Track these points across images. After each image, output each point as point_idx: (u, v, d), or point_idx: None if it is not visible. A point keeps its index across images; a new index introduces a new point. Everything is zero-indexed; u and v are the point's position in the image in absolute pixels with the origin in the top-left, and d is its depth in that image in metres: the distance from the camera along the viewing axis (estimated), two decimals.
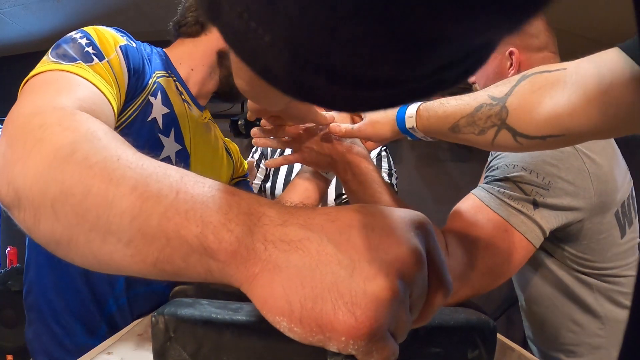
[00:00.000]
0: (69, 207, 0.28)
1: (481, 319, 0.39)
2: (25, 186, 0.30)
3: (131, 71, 0.63)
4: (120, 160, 0.29)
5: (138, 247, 0.26)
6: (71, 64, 0.52)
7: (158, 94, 0.71)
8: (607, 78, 0.42)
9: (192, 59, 0.78)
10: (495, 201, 0.67)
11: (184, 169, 0.30)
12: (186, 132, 0.77)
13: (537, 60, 0.85)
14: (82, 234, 0.28)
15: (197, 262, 0.26)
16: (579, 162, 0.70)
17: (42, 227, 0.30)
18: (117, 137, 0.34)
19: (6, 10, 2.13)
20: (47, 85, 0.48)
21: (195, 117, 0.81)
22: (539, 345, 0.89)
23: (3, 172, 0.33)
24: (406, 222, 0.25)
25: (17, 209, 0.32)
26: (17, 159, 0.32)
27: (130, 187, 0.27)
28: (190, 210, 0.26)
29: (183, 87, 0.78)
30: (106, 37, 0.60)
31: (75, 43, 0.56)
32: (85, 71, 0.52)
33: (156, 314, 0.36)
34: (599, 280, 0.77)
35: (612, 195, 0.73)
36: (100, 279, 0.69)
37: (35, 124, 0.35)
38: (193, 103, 0.80)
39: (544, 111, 0.47)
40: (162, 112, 0.71)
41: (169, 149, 0.73)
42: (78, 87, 0.49)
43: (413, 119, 0.60)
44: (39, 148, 0.32)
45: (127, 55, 0.62)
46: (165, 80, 0.73)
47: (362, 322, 0.22)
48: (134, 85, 0.64)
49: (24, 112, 0.38)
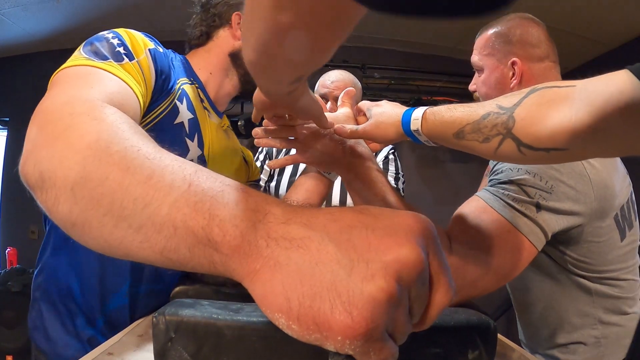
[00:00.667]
0: (86, 191, 0.29)
1: (481, 320, 0.39)
2: (50, 169, 0.32)
3: (158, 73, 0.65)
4: (140, 152, 0.31)
5: (147, 234, 0.27)
6: (102, 62, 0.54)
7: (184, 99, 0.73)
8: (614, 98, 0.42)
9: (208, 63, 0.81)
10: (499, 203, 0.67)
11: None
12: (206, 139, 0.79)
13: (539, 70, 0.86)
14: (96, 218, 0.29)
15: (201, 253, 0.26)
16: (580, 168, 0.70)
17: (60, 208, 0.31)
18: (141, 130, 0.36)
19: (6, 11, 2.14)
20: (78, 79, 0.50)
21: (215, 124, 0.83)
22: (533, 347, 0.89)
23: (31, 154, 0.35)
24: (408, 224, 0.25)
25: (40, 190, 0.33)
26: (45, 143, 0.34)
27: (146, 176, 0.28)
28: (199, 203, 0.27)
29: (204, 94, 0.81)
30: (137, 39, 0.62)
31: (108, 42, 0.58)
32: (116, 69, 0.55)
33: (157, 315, 0.36)
34: (599, 284, 0.77)
35: (610, 201, 0.73)
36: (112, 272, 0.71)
37: (66, 112, 0.37)
38: (212, 110, 0.83)
39: (550, 124, 0.47)
40: (187, 117, 0.73)
41: (193, 152, 0.75)
42: (109, 82, 0.52)
43: (419, 121, 0.60)
44: (66, 135, 0.34)
45: (155, 58, 0.64)
46: (189, 87, 0.76)
47: (358, 322, 0.22)
48: (161, 87, 0.66)
49: (56, 101, 0.40)
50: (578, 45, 2.19)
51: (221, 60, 0.81)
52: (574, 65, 2.37)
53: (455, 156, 2.77)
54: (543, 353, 0.85)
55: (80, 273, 0.70)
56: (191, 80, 0.77)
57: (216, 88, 0.83)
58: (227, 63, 0.82)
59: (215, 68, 0.81)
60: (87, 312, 0.70)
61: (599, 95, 0.44)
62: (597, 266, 0.76)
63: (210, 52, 0.82)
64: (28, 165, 0.34)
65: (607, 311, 0.78)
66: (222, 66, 0.82)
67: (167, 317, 0.36)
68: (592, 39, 2.15)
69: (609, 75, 0.45)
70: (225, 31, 0.81)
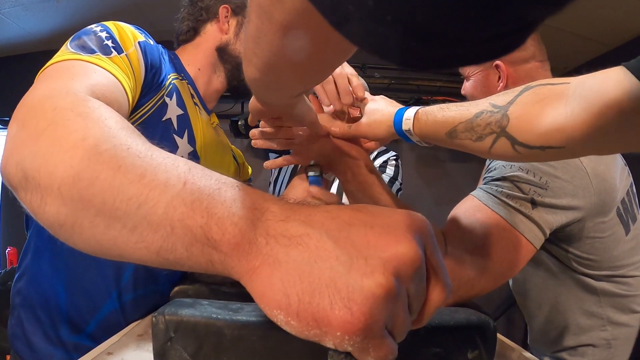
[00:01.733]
0: (75, 191, 0.28)
1: (481, 319, 0.39)
2: (33, 168, 0.31)
3: (148, 67, 0.63)
4: (130, 150, 0.30)
5: (143, 234, 0.27)
6: (90, 55, 0.52)
7: (173, 95, 0.72)
8: (610, 94, 0.41)
9: (197, 59, 0.80)
10: (493, 200, 0.67)
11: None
12: (198, 135, 0.78)
13: (524, 71, 0.86)
14: (87, 219, 0.28)
15: (199, 252, 0.26)
16: (576, 161, 0.70)
17: (47, 209, 0.30)
18: (129, 126, 0.34)
19: (6, 11, 2.14)
20: (62, 72, 0.48)
21: (205, 120, 0.82)
22: (542, 350, 0.88)
23: (13, 152, 0.33)
24: (405, 222, 0.26)
25: (24, 190, 0.32)
26: (28, 141, 0.33)
27: (138, 175, 0.28)
28: (196, 201, 0.26)
29: (194, 89, 0.80)
30: (125, 32, 0.61)
31: (95, 36, 0.57)
32: (103, 62, 0.53)
33: (157, 314, 0.36)
34: (604, 282, 0.76)
35: (611, 194, 0.73)
36: (102, 275, 0.68)
37: (48, 107, 0.35)
38: (202, 107, 0.82)
39: (545, 122, 0.47)
40: (176, 113, 0.72)
41: (183, 150, 0.74)
42: (93, 73, 0.50)
43: (410, 121, 0.60)
44: (50, 131, 0.32)
45: (145, 51, 0.63)
46: (179, 82, 0.75)
47: (358, 317, 0.22)
48: (151, 81, 0.65)
49: (36, 95, 0.38)
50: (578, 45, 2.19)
51: (209, 55, 0.80)
52: (573, 65, 2.37)
53: (455, 156, 2.77)
54: (552, 356, 0.85)
55: (65, 277, 0.67)
56: (181, 76, 0.76)
57: (205, 84, 0.82)
58: (214, 58, 0.81)
59: (204, 64, 0.81)
60: (73, 318, 0.67)
61: (594, 93, 0.43)
62: (603, 263, 0.75)
63: (198, 47, 0.81)
64: (10, 164, 0.33)
65: (616, 311, 0.77)
66: (209, 61, 0.81)
67: (167, 316, 0.36)
68: (592, 39, 2.15)
69: (604, 72, 0.44)
70: (212, 25, 0.80)
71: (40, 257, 0.69)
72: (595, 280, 0.77)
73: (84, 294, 0.68)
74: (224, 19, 0.80)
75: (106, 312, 0.69)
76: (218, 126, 0.93)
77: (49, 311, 0.67)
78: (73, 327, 0.67)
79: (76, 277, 0.67)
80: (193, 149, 0.76)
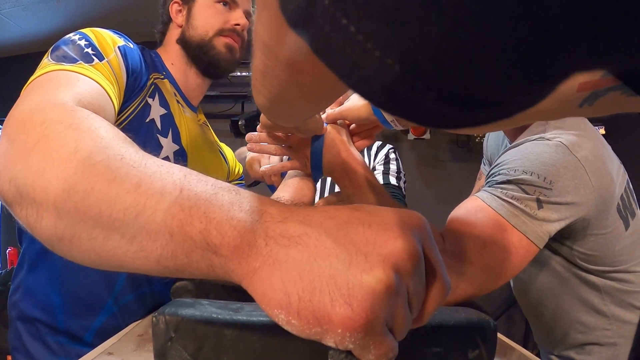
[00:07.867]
0: (71, 204, 0.28)
1: (481, 319, 0.39)
2: (27, 184, 0.30)
3: (129, 71, 0.64)
4: (123, 159, 0.29)
5: (142, 243, 0.27)
6: (72, 65, 0.52)
7: (155, 95, 0.73)
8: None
9: (168, 56, 0.83)
10: (497, 201, 0.67)
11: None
12: (183, 132, 0.79)
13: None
14: (84, 231, 0.28)
15: (200, 257, 0.26)
16: (575, 160, 0.70)
17: (44, 224, 0.30)
18: (120, 134, 0.34)
19: (6, 11, 2.14)
20: (46, 83, 0.48)
21: (189, 118, 0.83)
22: (548, 348, 0.89)
23: (5, 169, 0.33)
24: (402, 219, 0.26)
25: (18, 206, 0.31)
26: (19, 156, 0.32)
27: (134, 184, 0.27)
28: (194, 207, 0.26)
29: (175, 87, 0.81)
30: (104, 38, 0.61)
31: (75, 45, 0.56)
32: (87, 70, 0.53)
33: (157, 314, 0.36)
34: (608, 280, 0.77)
35: (610, 189, 0.73)
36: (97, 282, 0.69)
37: (37, 120, 0.34)
38: (186, 104, 0.84)
39: None
40: (159, 113, 0.73)
41: (167, 149, 0.75)
42: (77, 82, 0.50)
43: None
44: (40, 146, 0.32)
45: (125, 56, 0.63)
46: (161, 82, 0.76)
47: (359, 313, 0.22)
48: (132, 85, 0.65)
49: (23, 109, 0.38)
50: None
51: (175, 50, 0.83)
52: None
53: (455, 155, 2.77)
54: (559, 354, 0.85)
55: (60, 288, 0.67)
56: (163, 74, 0.78)
57: (183, 79, 0.83)
58: (180, 51, 0.83)
59: (174, 58, 0.83)
60: (71, 329, 0.68)
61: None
62: (606, 258, 0.76)
63: (166, 46, 0.84)
64: (3, 181, 0.32)
65: (620, 308, 0.77)
66: (177, 55, 0.83)
67: (167, 316, 0.36)
68: None
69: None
70: (172, 24, 0.84)
71: (35, 270, 0.69)
72: (599, 277, 0.77)
73: (80, 302, 0.68)
74: (177, 14, 0.83)
75: (104, 319, 0.69)
76: (205, 124, 0.94)
77: (47, 323, 0.67)
78: (72, 336, 0.68)
79: (72, 287, 0.68)
80: (179, 147, 0.77)
